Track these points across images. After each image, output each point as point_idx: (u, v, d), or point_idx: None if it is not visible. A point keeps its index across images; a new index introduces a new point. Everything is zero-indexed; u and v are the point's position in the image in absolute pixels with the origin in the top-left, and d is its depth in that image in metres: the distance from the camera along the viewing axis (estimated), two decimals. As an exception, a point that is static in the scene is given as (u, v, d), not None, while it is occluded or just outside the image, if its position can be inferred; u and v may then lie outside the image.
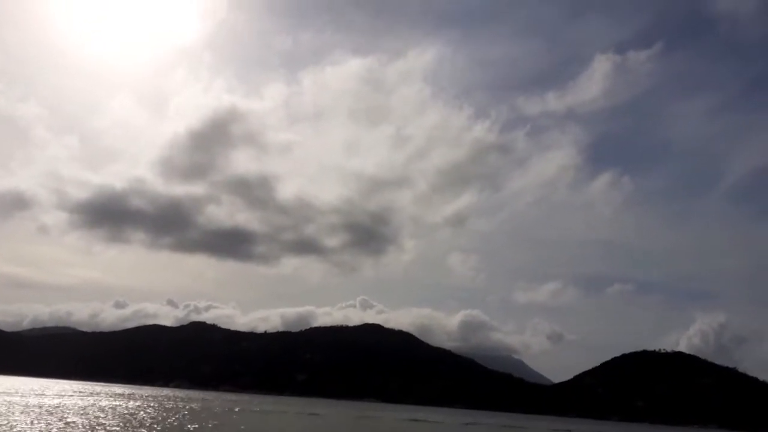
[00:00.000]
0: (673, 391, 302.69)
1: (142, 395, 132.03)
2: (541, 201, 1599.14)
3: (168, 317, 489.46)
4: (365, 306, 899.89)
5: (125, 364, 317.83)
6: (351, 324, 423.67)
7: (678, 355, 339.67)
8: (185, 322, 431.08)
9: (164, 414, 62.94)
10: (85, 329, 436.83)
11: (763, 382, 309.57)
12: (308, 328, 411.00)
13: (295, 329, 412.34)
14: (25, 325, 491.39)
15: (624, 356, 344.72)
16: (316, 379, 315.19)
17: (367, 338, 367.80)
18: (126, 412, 61.52)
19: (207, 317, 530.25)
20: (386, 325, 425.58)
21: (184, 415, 62.72)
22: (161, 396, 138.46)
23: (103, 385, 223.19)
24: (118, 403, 79.35)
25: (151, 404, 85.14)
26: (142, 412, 62.26)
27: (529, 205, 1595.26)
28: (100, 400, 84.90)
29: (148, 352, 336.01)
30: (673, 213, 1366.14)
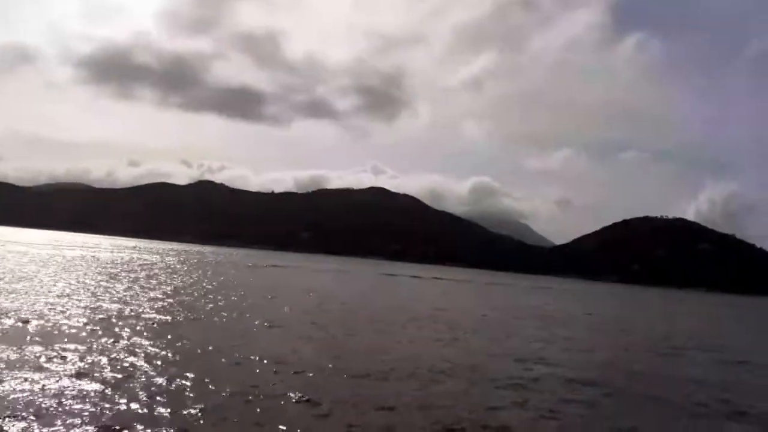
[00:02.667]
0: (669, 256, 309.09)
1: (160, 249, 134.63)
2: (562, 63, 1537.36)
3: (182, 176, 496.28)
4: (377, 171, 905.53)
5: (136, 219, 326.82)
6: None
7: (679, 222, 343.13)
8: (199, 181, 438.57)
9: (204, 268, 62.23)
10: (101, 186, 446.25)
11: (760, 249, 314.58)
12: (316, 189, 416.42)
13: (306, 191, 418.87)
14: (42, 181, 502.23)
15: (625, 221, 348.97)
16: (320, 238, 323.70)
17: (373, 201, 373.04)
18: (152, 264, 60.41)
19: (221, 177, 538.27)
20: (396, 190, 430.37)
21: (217, 270, 61.87)
22: (176, 250, 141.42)
23: (112, 239, 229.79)
24: (142, 256, 79.48)
25: (176, 258, 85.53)
26: (178, 265, 60.73)
27: (550, 67, 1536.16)
28: (121, 253, 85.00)
29: (158, 208, 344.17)
30: (696, 81, 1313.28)
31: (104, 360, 12.68)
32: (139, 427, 8.92)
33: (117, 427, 8.78)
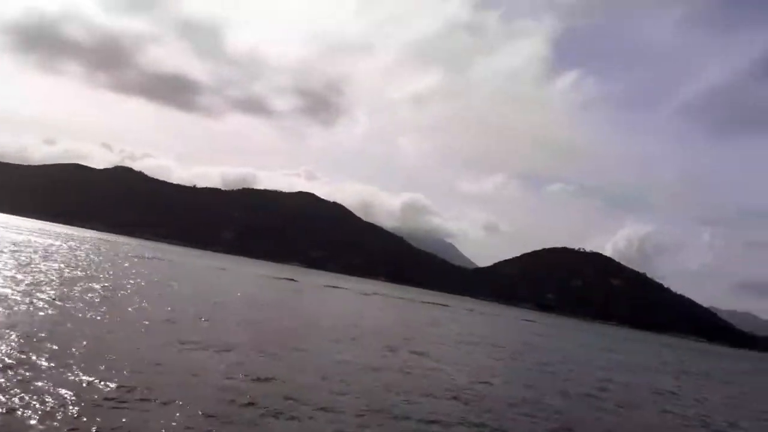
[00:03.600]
0: (584, 287, 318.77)
1: (68, 235, 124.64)
2: (502, 91, 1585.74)
3: (101, 160, 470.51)
4: (310, 176, 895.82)
5: (44, 200, 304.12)
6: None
7: (595, 256, 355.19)
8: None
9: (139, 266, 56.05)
10: (9, 161, 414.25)
11: (666, 289, 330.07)
12: (241, 188, 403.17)
13: (232, 189, 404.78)
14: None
15: (545, 250, 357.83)
16: (243, 239, 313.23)
17: (300, 205, 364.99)
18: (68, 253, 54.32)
19: (142, 166, 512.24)
20: (327, 197, 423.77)
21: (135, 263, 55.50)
22: (79, 237, 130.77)
23: (19, 219, 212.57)
24: (53, 242, 71.97)
25: (90, 247, 78.26)
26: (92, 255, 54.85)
27: (491, 94, 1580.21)
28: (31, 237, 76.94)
29: (70, 191, 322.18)
30: (627, 121, 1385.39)
31: None
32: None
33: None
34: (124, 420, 10.22)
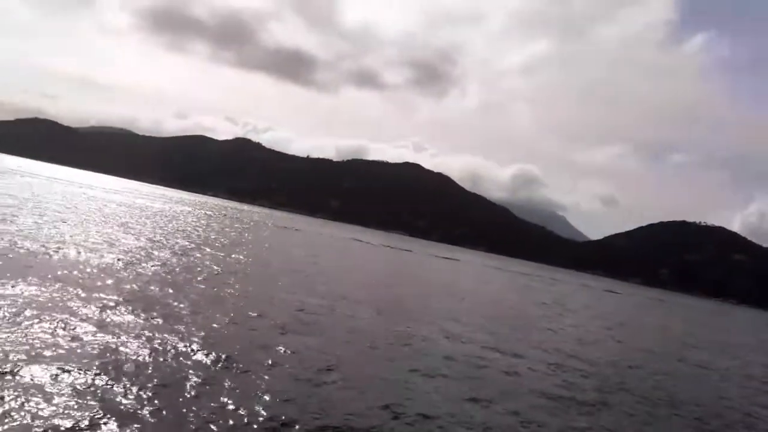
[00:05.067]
0: (701, 263, 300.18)
1: (192, 201, 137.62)
2: (622, 57, 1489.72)
3: (226, 133, 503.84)
4: (418, 147, 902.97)
5: (171, 168, 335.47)
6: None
7: (718, 230, 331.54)
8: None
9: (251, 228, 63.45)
10: (146, 134, 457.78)
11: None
12: (351, 159, 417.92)
13: (341, 160, 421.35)
14: (91, 123, 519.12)
15: (661, 224, 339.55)
16: (349, 207, 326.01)
17: (405, 176, 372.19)
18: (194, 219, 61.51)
19: (264, 138, 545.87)
20: (435, 169, 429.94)
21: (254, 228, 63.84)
22: (209, 204, 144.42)
23: (146, 185, 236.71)
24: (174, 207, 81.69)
25: (213, 213, 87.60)
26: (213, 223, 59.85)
27: (609, 60, 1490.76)
28: (153, 203, 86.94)
29: (193, 160, 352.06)
30: (763, 86, 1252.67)
31: None
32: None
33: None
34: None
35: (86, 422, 7.02)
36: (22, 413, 6.93)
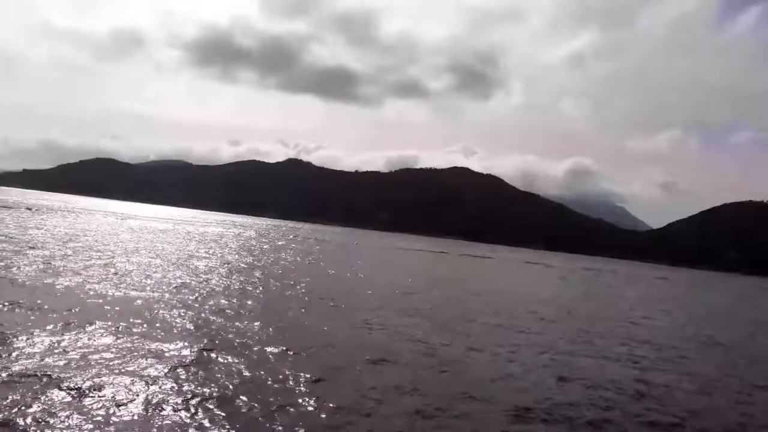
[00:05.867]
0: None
1: (247, 224, 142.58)
2: (671, 41, 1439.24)
3: (279, 155, 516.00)
4: (468, 152, 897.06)
5: (228, 195, 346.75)
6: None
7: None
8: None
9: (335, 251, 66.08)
10: (202, 163, 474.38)
11: None
12: (398, 169, 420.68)
13: (389, 171, 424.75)
14: (150, 158, 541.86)
15: (725, 206, 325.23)
16: (401, 217, 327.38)
17: (455, 181, 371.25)
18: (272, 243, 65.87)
19: (315, 157, 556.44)
20: (488, 171, 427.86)
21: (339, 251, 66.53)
22: (269, 225, 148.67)
23: (204, 213, 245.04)
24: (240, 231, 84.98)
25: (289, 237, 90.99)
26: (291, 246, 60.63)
27: (657, 45, 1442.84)
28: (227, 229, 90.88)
29: (248, 185, 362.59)
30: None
31: None
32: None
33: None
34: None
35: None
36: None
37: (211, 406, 8.57)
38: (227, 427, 7.95)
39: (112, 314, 13.86)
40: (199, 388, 9.29)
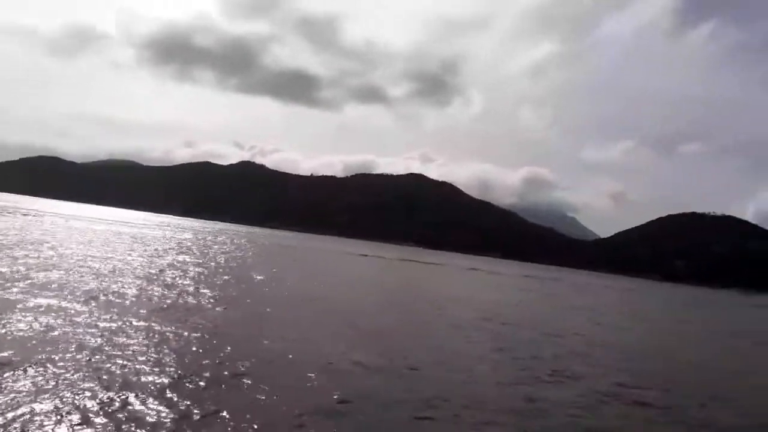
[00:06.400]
0: (716, 254, 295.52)
1: (211, 229, 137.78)
2: (629, 52, 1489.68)
3: (234, 158, 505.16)
4: (426, 159, 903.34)
5: (180, 197, 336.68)
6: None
7: (728, 220, 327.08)
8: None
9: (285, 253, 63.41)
10: (154, 164, 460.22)
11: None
12: (355, 174, 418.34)
13: (346, 176, 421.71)
14: (100, 158, 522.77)
15: (671, 216, 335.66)
16: (357, 222, 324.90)
17: (411, 187, 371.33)
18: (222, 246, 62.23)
19: (271, 160, 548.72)
20: (444, 178, 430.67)
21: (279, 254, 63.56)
22: (218, 230, 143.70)
23: (156, 215, 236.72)
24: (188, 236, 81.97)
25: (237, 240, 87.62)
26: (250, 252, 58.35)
27: (616, 56, 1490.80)
28: (181, 233, 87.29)
29: (200, 187, 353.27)
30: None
31: None
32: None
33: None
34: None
35: None
36: None
37: None
38: None
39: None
40: None
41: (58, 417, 7.35)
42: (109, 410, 7.82)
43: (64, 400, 7.96)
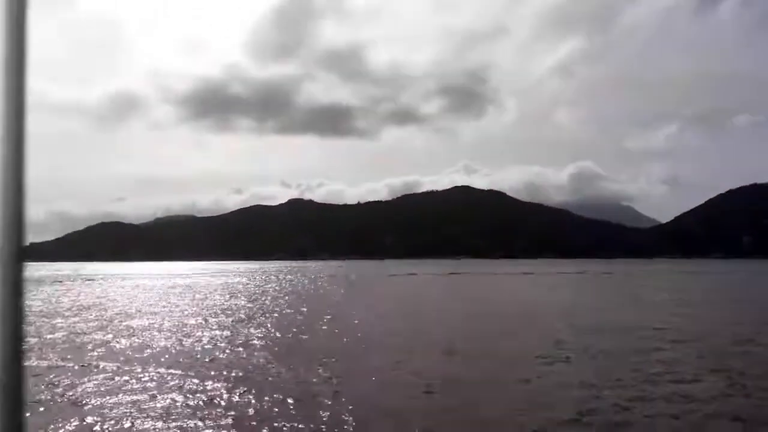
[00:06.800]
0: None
1: (247, 270, 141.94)
2: (657, 34, 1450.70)
3: (283, 197, 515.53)
4: (469, 170, 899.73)
5: (232, 242, 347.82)
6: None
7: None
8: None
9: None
10: (206, 215, 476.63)
11: None
12: (400, 195, 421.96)
13: (391, 198, 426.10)
14: (157, 215, 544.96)
15: (730, 192, 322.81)
16: (406, 241, 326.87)
17: (457, 200, 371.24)
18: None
19: (318, 194, 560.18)
20: (491, 187, 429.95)
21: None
22: (275, 268, 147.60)
23: (207, 263, 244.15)
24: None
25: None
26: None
27: (644, 41, 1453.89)
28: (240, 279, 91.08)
29: (253, 231, 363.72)
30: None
31: None
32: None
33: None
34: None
35: None
36: None
37: None
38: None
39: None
40: None
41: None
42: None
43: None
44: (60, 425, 10.09)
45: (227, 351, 17.99)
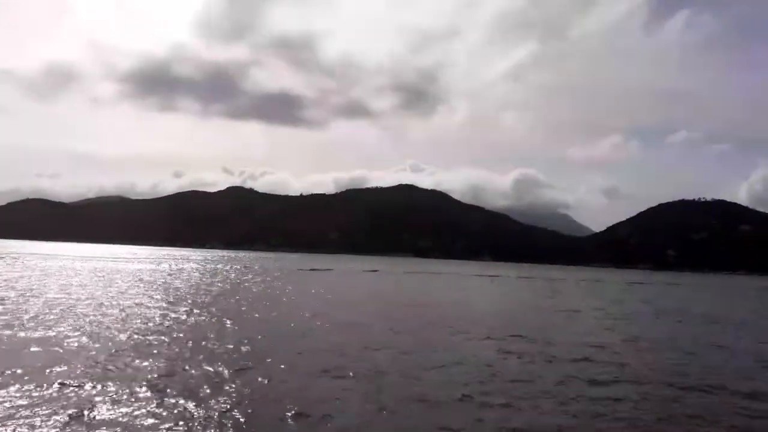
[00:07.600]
0: (707, 239, 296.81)
1: (175, 256, 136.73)
2: (606, 48, 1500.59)
3: (224, 184, 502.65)
4: (416, 169, 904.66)
5: (167, 227, 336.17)
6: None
7: (718, 204, 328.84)
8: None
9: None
10: (145, 198, 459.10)
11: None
12: (345, 190, 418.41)
13: (335, 192, 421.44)
14: (90, 196, 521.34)
15: (661, 206, 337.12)
16: (349, 237, 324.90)
17: (401, 198, 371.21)
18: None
19: (261, 183, 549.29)
20: (436, 187, 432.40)
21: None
22: (199, 257, 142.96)
23: (144, 248, 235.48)
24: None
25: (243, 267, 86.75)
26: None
27: (594, 53, 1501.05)
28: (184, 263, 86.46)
29: (189, 216, 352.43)
30: (755, 57, 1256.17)
31: None
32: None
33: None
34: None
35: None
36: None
37: None
38: None
39: None
40: None
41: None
42: None
43: None
44: None
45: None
